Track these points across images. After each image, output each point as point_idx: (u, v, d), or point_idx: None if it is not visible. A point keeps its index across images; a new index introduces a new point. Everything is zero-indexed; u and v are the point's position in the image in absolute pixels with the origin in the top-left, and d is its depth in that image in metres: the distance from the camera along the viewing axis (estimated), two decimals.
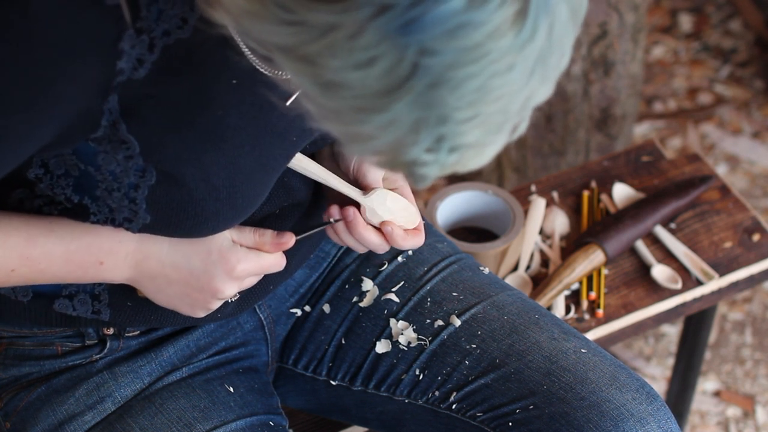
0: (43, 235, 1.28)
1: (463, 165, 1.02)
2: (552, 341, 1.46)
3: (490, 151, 1.02)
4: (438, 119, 0.96)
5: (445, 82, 0.93)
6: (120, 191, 1.23)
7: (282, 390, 1.59)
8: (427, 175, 1.01)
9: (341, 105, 0.97)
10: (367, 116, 0.96)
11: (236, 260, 1.32)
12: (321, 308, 1.55)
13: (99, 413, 1.43)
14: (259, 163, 1.26)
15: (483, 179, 2.58)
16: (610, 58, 2.40)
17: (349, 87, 0.95)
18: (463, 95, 0.94)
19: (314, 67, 0.95)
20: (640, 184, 1.96)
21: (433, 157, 0.99)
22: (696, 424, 2.41)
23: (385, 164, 1.03)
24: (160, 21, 1.13)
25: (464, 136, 0.97)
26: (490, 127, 0.98)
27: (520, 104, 0.98)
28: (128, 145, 1.19)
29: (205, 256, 1.32)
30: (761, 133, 2.90)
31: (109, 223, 1.27)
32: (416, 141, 0.97)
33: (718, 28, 3.12)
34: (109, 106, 1.15)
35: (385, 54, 0.92)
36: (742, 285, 1.88)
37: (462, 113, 0.95)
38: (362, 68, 0.93)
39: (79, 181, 1.24)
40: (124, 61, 1.12)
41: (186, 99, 1.18)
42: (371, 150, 1.00)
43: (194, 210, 1.25)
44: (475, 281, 1.53)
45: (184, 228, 1.26)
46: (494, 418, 1.44)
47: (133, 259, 1.31)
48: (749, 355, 2.52)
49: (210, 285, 1.33)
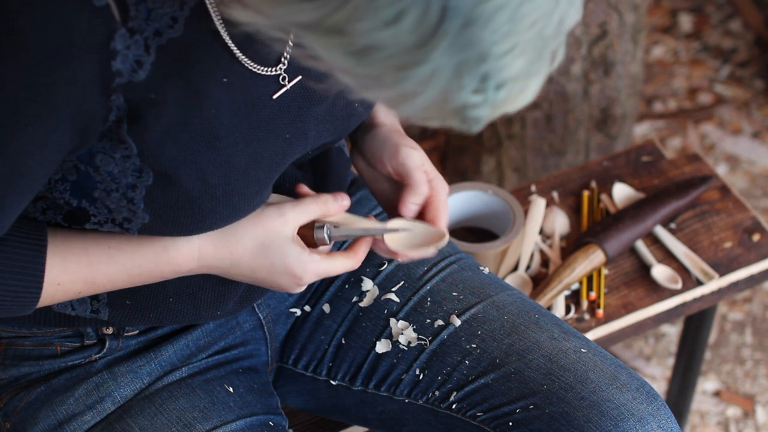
0: (104, 263, 1.29)
1: (512, 102, 1.01)
2: (552, 341, 1.46)
3: (535, 83, 1.01)
4: (478, 58, 0.95)
5: (476, 18, 0.93)
6: (118, 192, 1.23)
7: (282, 390, 1.59)
8: (480, 116, 1.00)
9: (379, 68, 0.96)
10: (407, 73, 0.96)
11: (302, 271, 1.32)
12: (321, 308, 1.55)
13: (98, 413, 1.43)
14: (253, 160, 1.26)
15: (483, 179, 2.58)
16: (610, 58, 2.40)
17: (383, 47, 0.94)
18: (497, 28, 0.94)
19: (344, 36, 0.95)
20: (640, 184, 1.96)
21: (481, 97, 0.98)
22: (696, 424, 2.41)
23: (435, 117, 1.02)
24: (150, 20, 1.13)
25: (508, 69, 0.97)
26: (531, 55, 0.98)
27: (554, 27, 0.98)
28: (126, 146, 1.19)
29: (270, 270, 1.32)
30: (761, 133, 2.90)
31: (110, 223, 1.27)
32: (461, 85, 0.97)
33: (718, 28, 3.12)
34: (116, 103, 1.16)
35: (411, 5, 0.92)
36: (742, 285, 1.88)
37: (500, 47, 0.95)
38: (392, 25, 0.93)
39: (77, 185, 1.24)
40: (120, 62, 1.13)
41: (181, 100, 1.18)
42: (419, 106, 0.99)
43: (191, 209, 1.25)
44: (475, 281, 1.53)
45: (183, 226, 1.26)
46: (494, 417, 1.44)
47: (196, 270, 1.33)
48: (749, 355, 2.52)
49: (279, 288, 1.34)
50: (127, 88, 1.14)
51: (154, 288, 1.38)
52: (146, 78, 1.15)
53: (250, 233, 1.31)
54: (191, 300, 1.40)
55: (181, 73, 1.17)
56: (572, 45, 2.36)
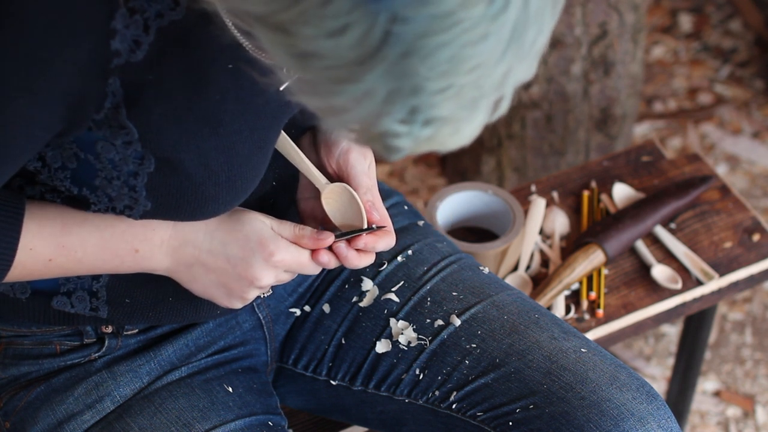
0: (77, 224, 1.29)
1: (439, 142, 1.01)
2: (552, 341, 1.46)
3: (468, 130, 1.00)
4: (411, 90, 0.95)
5: (416, 50, 0.93)
6: (119, 179, 1.23)
7: (282, 390, 1.59)
8: (401, 147, 1.00)
9: (316, 76, 0.97)
10: (341, 87, 0.96)
11: (275, 247, 1.32)
12: (321, 308, 1.55)
13: (98, 413, 1.43)
14: (257, 146, 1.26)
15: (483, 179, 2.58)
16: (610, 58, 2.40)
17: (322, 57, 0.95)
18: (435, 65, 0.94)
19: (289, 36, 0.95)
20: (640, 184, 1.96)
21: (406, 128, 0.98)
22: (696, 424, 2.41)
23: (359, 138, 1.02)
24: (152, 1, 1.13)
25: (438, 108, 0.97)
26: (465, 101, 0.97)
27: (496, 79, 0.97)
28: (127, 131, 1.19)
29: (243, 243, 1.32)
30: (761, 133, 2.90)
31: (110, 211, 1.27)
32: (390, 112, 0.97)
33: (718, 28, 3.12)
34: (112, 88, 1.16)
35: (356, 21, 0.92)
36: (742, 285, 1.88)
37: (435, 84, 0.95)
38: (334, 36, 0.93)
39: (77, 173, 1.24)
40: (119, 41, 1.13)
41: (184, 84, 1.18)
42: (346, 123, 1.00)
43: (194, 194, 1.25)
44: (475, 281, 1.53)
45: (185, 212, 1.27)
46: (494, 417, 1.44)
47: (169, 246, 1.31)
48: (749, 355, 2.52)
49: (247, 272, 1.33)
50: (124, 69, 1.15)
51: (153, 286, 1.38)
52: (144, 59, 1.15)
53: (213, 235, 1.32)
54: (191, 299, 1.40)
55: (182, 55, 1.17)
56: (572, 45, 2.36)
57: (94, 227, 1.29)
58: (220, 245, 1.32)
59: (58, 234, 1.28)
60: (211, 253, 1.32)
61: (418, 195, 2.72)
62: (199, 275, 1.34)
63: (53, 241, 1.28)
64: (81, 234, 1.29)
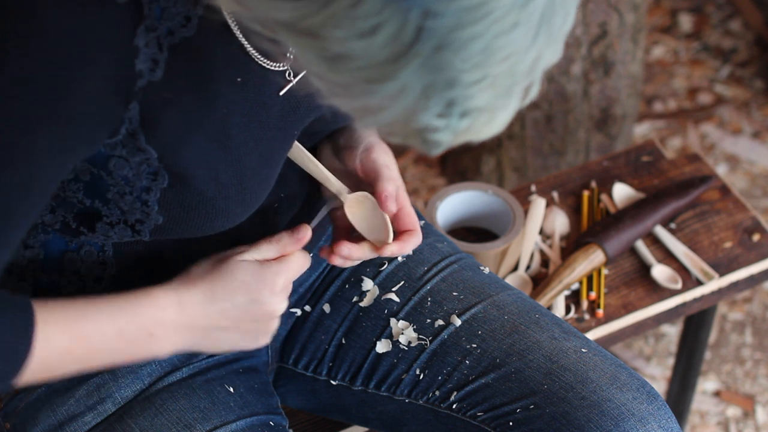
0: (91, 313, 1.25)
1: (476, 132, 1.01)
2: (552, 341, 1.46)
3: (503, 117, 1.01)
4: (446, 83, 0.95)
5: (450, 44, 0.93)
6: (132, 194, 1.23)
7: (282, 390, 1.59)
8: (440, 141, 1.01)
9: (349, 78, 0.96)
10: (376, 86, 0.96)
11: (273, 275, 1.31)
12: (321, 308, 1.55)
13: (99, 414, 1.43)
14: (263, 158, 1.26)
15: (483, 179, 2.58)
16: (610, 58, 2.40)
17: (355, 58, 0.95)
18: (469, 57, 0.94)
19: (318, 40, 0.95)
20: (640, 184, 1.96)
21: (444, 122, 0.99)
22: (696, 424, 2.41)
23: (398, 134, 1.02)
24: (164, 20, 1.13)
25: (474, 99, 0.97)
26: (500, 89, 0.98)
27: (528, 65, 0.98)
28: (145, 153, 1.19)
29: (244, 289, 1.31)
30: (761, 133, 2.90)
31: (122, 224, 1.27)
32: (427, 107, 0.97)
33: (718, 28, 3.12)
34: (130, 115, 1.15)
35: (388, 20, 0.92)
36: (742, 285, 1.88)
37: (470, 75, 0.95)
38: (366, 37, 0.93)
39: (90, 185, 1.24)
40: (142, 61, 1.12)
41: (193, 99, 1.18)
42: (383, 121, 1.00)
43: (205, 209, 1.25)
44: (475, 281, 1.53)
45: (196, 226, 1.26)
46: (495, 417, 1.44)
47: (182, 325, 1.29)
48: (749, 355, 2.52)
49: (262, 311, 1.32)
50: (146, 91, 1.14)
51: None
52: (161, 78, 1.15)
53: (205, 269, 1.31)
54: None
55: (192, 71, 1.17)
56: (572, 45, 2.36)
57: (107, 316, 1.25)
58: (226, 302, 1.31)
59: (73, 322, 1.23)
60: (221, 313, 1.31)
61: (418, 195, 2.72)
62: (220, 337, 1.32)
63: (69, 330, 1.23)
64: (97, 322, 1.24)
